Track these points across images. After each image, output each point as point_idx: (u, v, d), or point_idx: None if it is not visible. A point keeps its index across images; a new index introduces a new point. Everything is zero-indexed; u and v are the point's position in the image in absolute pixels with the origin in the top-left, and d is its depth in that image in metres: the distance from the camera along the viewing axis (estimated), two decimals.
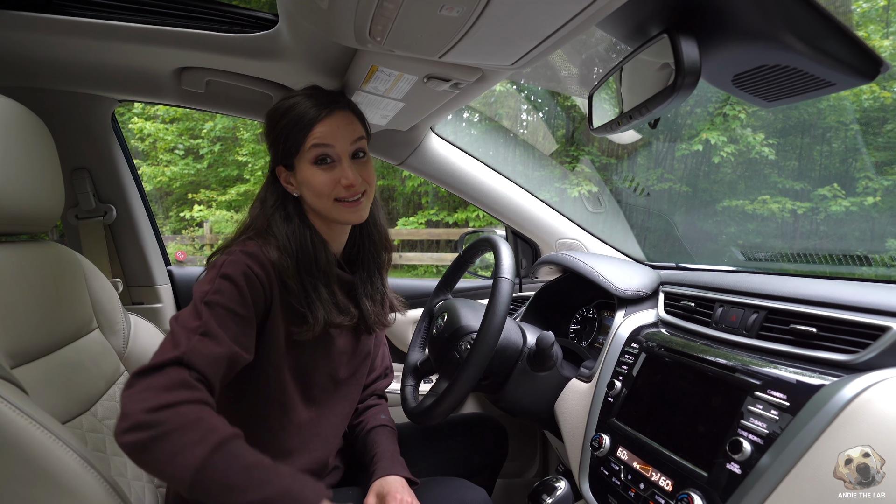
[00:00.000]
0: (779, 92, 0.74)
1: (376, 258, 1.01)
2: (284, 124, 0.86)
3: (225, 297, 0.76)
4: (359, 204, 0.89)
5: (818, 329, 0.74)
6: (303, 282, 0.86)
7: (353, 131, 0.87)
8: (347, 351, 0.98)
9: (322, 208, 0.88)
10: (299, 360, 0.90)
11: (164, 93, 1.24)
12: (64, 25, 0.96)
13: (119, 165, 1.43)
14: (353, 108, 0.91)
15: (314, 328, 0.85)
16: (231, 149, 7.41)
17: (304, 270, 0.87)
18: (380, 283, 1.02)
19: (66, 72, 1.16)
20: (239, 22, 0.99)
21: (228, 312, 0.76)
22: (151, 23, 0.97)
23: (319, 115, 0.84)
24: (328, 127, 0.85)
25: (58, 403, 0.80)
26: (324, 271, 0.89)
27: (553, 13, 0.66)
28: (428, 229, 6.60)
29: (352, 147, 0.87)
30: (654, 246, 2.68)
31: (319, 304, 0.87)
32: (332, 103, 0.86)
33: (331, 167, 0.86)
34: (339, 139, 0.85)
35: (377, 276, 1.01)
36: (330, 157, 0.86)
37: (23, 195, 0.79)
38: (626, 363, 0.97)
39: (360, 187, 0.87)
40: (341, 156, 0.86)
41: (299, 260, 0.86)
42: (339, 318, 0.89)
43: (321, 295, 0.88)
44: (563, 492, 0.85)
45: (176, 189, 7.54)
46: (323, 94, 0.88)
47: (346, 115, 0.88)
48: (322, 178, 0.85)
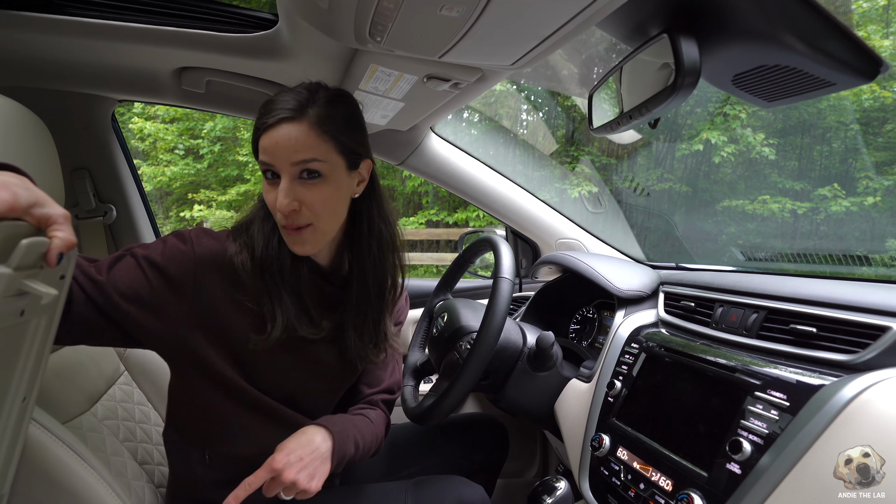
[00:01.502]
0: (779, 92, 0.74)
1: (368, 285, 0.85)
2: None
3: (148, 250, 0.76)
4: (298, 234, 0.76)
5: (818, 329, 0.74)
6: (265, 282, 0.78)
7: (297, 149, 0.72)
8: (329, 365, 0.88)
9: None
10: (258, 367, 0.81)
11: (164, 93, 1.24)
12: (64, 25, 0.96)
13: (119, 165, 1.43)
14: (318, 118, 0.74)
15: (269, 336, 0.77)
16: (231, 149, 7.41)
17: (268, 275, 0.78)
18: (371, 318, 0.88)
19: (66, 72, 1.16)
20: (239, 22, 0.99)
21: (138, 261, 0.75)
22: (151, 23, 0.97)
23: (265, 124, 0.73)
24: (270, 139, 0.73)
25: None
26: (288, 280, 0.80)
27: (553, 13, 0.66)
28: (428, 229, 6.60)
29: (295, 168, 0.73)
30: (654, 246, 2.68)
31: (280, 312, 0.78)
32: (284, 110, 0.73)
33: (275, 182, 0.75)
34: (277, 157, 0.73)
35: (367, 308, 0.87)
36: (273, 172, 0.75)
37: None
38: (626, 363, 0.97)
39: (294, 218, 0.74)
40: (281, 174, 0.74)
41: (263, 261, 0.78)
42: (303, 329, 0.79)
43: (283, 301, 0.79)
44: (563, 492, 0.85)
45: (176, 189, 7.54)
46: (275, 101, 0.75)
47: (296, 127, 0.72)
48: (269, 193, 0.76)
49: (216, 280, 0.77)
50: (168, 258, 0.76)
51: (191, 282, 0.76)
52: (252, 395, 0.82)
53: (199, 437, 0.84)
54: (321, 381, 0.89)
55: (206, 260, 0.77)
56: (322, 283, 0.85)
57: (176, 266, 0.76)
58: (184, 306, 0.76)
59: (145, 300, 0.74)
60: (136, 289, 0.73)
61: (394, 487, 0.93)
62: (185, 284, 0.76)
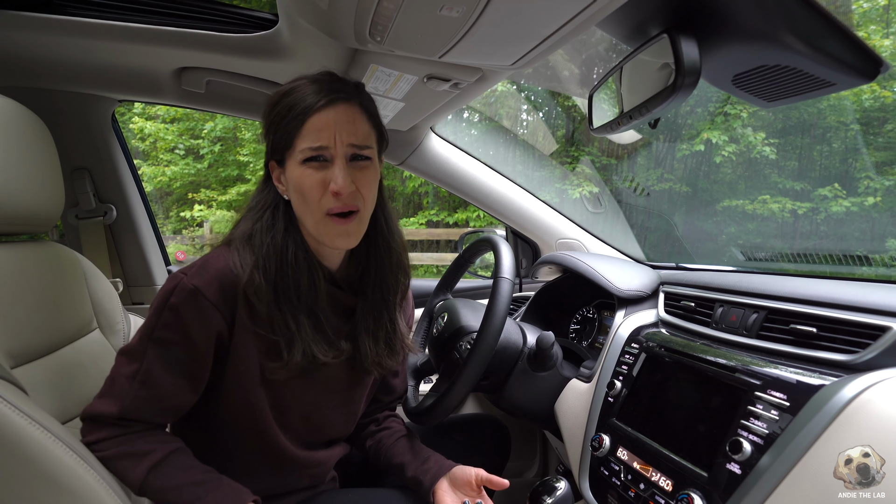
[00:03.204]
0: (779, 92, 0.74)
1: (383, 287, 0.83)
2: (279, 111, 0.73)
3: (170, 332, 0.70)
4: (348, 221, 0.73)
5: (818, 329, 0.74)
6: (280, 311, 0.73)
7: (354, 130, 0.72)
8: (344, 383, 0.85)
9: (309, 221, 0.74)
10: (279, 393, 0.79)
11: (164, 93, 1.24)
12: (64, 25, 0.96)
13: (119, 165, 1.43)
14: (365, 104, 0.75)
15: (288, 365, 0.74)
16: (231, 149, 7.40)
17: (283, 297, 0.73)
18: (386, 320, 0.85)
19: (66, 72, 1.16)
20: (239, 22, 0.99)
21: (173, 351, 0.71)
22: (151, 23, 0.97)
23: (317, 104, 0.70)
24: (325, 119, 0.70)
25: (58, 403, 0.80)
26: (305, 301, 0.75)
27: (553, 13, 0.66)
28: (428, 229, 6.60)
29: (350, 149, 0.72)
30: (654, 246, 2.68)
31: (298, 338, 0.74)
32: (336, 91, 0.71)
33: (322, 166, 0.72)
34: (336, 136, 0.71)
35: (384, 310, 0.84)
36: (322, 155, 0.71)
37: (23, 195, 0.79)
38: (626, 363, 0.97)
39: (350, 200, 0.72)
40: (336, 156, 0.72)
41: (277, 286, 0.73)
42: (323, 355, 0.75)
43: (302, 327, 0.74)
44: (563, 492, 0.85)
45: (176, 189, 7.54)
46: (330, 80, 0.73)
47: (351, 109, 0.73)
48: (311, 179, 0.71)
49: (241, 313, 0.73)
50: (195, 319, 0.71)
51: (229, 327, 0.74)
52: (272, 434, 0.80)
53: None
54: (334, 396, 0.86)
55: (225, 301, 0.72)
56: (336, 292, 0.81)
57: (206, 326, 0.72)
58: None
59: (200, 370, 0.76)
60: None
61: (395, 492, 0.93)
62: (213, 333, 0.73)
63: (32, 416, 0.64)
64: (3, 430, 0.61)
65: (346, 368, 0.85)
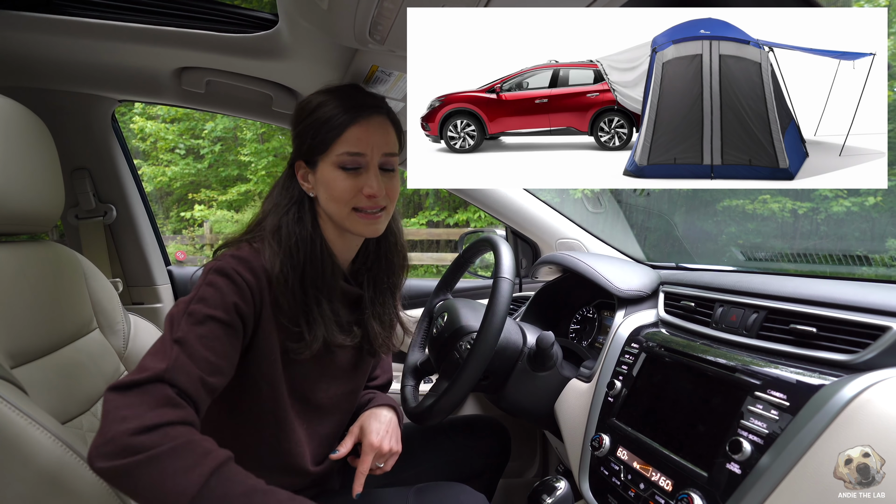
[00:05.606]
0: None
1: (389, 277, 0.95)
2: (316, 118, 0.80)
3: (209, 306, 0.72)
4: (377, 218, 0.84)
5: (818, 329, 0.74)
6: (305, 295, 0.81)
7: (386, 142, 0.83)
8: (348, 368, 0.93)
9: (336, 214, 0.83)
10: (297, 378, 0.85)
11: (164, 93, 1.24)
12: (64, 25, 0.96)
13: (119, 165, 1.43)
14: (392, 117, 0.86)
15: (311, 346, 0.80)
16: (231, 149, 7.41)
17: (310, 283, 0.81)
18: (390, 304, 0.96)
19: (66, 72, 1.16)
20: (239, 22, 0.99)
21: (212, 324, 0.72)
22: (151, 23, 0.97)
23: (357, 118, 0.80)
24: (362, 132, 0.80)
25: (58, 403, 0.80)
26: (328, 285, 0.84)
27: None
28: (428, 229, 6.61)
29: (382, 158, 0.82)
30: (654, 246, 2.67)
31: (320, 321, 0.82)
32: (372, 108, 0.82)
33: (356, 174, 0.81)
34: (372, 147, 0.81)
35: (388, 296, 0.95)
36: (359, 164, 0.81)
37: (23, 195, 0.79)
38: (626, 363, 0.97)
39: (381, 200, 0.83)
40: (370, 164, 0.81)
41: (305, 272, 0.81)
42: (340, 338, 0.84)
43: (323, 311, 0.82)
44: (563, 492, 0.85)
45: (176, 189, 7.54)
46: (363, 95, 0.84)
47: (383, 122, 0.83)
48: (344, 183, 0.80)
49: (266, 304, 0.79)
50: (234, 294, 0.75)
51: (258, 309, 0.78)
52: (284, 414, 0.84)
53: None
54: (343, 379, 0.93)
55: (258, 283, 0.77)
56: (345, 286, 0.89)
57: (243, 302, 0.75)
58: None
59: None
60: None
61: (395, 493, 0.93)
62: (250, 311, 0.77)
63: (32, 416, 0.64)
64: (3, 430, 0.61)
65: (351, 353, 0.92)
